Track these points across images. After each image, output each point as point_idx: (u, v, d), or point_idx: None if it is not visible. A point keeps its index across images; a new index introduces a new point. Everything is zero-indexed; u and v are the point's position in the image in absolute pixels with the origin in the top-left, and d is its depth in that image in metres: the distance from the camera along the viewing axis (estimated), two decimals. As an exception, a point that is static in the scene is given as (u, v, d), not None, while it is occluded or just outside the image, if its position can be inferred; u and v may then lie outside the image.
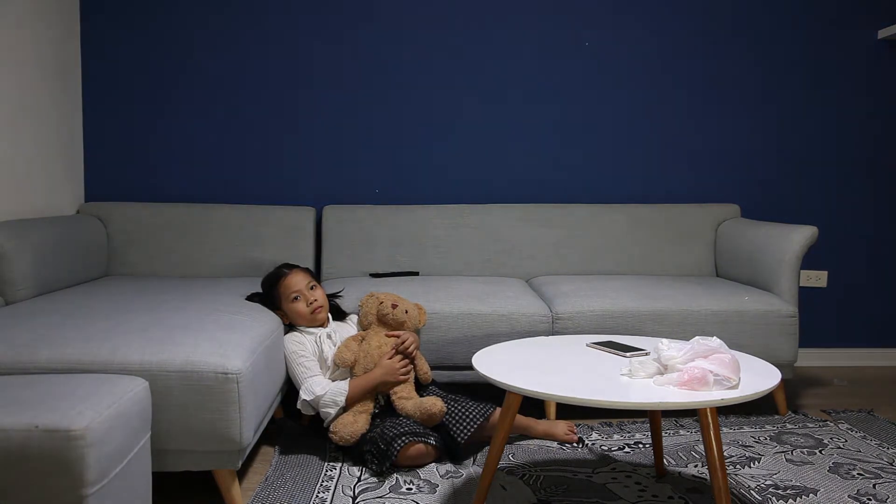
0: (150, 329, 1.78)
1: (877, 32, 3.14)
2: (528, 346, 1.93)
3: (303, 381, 2.12)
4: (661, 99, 3.14)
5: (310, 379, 2.12)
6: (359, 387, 2.10)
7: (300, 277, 2.26)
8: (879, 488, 1.91)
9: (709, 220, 3.04)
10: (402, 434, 1.98)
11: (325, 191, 3.06)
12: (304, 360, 2.15)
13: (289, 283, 2.23)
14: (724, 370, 1.50)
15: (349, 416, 2.07)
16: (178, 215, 2.88)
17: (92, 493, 1.26)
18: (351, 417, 2.07)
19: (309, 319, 2.22)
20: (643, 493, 1.87)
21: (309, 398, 2.09)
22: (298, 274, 2.27)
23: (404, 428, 2.02)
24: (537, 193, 3.11)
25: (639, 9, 3.10)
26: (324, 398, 2.08)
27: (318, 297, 2.24)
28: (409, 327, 2.25)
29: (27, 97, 2.57)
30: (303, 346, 2.17)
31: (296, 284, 2.23)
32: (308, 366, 2.14)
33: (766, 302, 2.48)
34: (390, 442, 1.96)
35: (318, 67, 3.04)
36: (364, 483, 1.93)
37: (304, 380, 2.12)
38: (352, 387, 2.10)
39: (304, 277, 2.27)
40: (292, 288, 2.22)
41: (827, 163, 3.19)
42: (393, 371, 2.12)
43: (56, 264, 2.41)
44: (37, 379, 1.50)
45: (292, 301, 2.21)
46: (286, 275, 2.26)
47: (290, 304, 2.22)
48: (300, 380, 2.13)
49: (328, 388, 2.10)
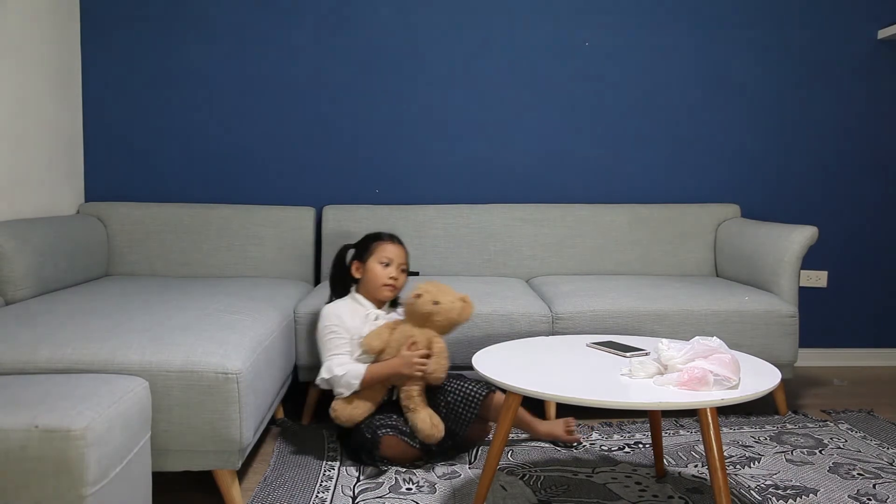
0: (150, 329, 1.78)
1: (877, 32, 3.14)
2: (528, 346, 1.93)
3: (326, 358, 2.10)
4: (661, 99, 3.14)
5: (334, 357, 2.09)
6: (375, 373, 2.06)
7: (401, 252, 2.24)
8: (879, 488, 1.91)
9: (709, 220, 3.04)
10: (388, 426, 2.01)
11: (325, 191, 3.06)
12: (335, 337, 2.11)
13: (388, 248, 2.21)
14: (724, 370, 1.50)
15: (353, 400, 2.06)
16: (178, 215, 2.88)
17: (92, 493, 1.26)
18: (353, 402, 2.05)
19: (378, 289, 2.19)
20: (643, 493, 1.87)
21: (327, 376, 2.07)
22: (401, 249, 2.25)
23: (392, 422, 2.04)
24: (537, 193, 3.11)
25: (639, 8, 3.10)
26: (341, 379, 2.05)
27: (399, 279, 2.20)
28: (437, 321, 2.09)
29: (27, 97, 2.57)
30: (340, 320, 2.13)
31: (393, 254, 2.21)
32: (337, 343, 2.10)
33: (766, 302, 2.48)
34: (374, 430, 1.99)
35: (317, 67, 3.03)
36: (364, 483, 1.93)
37: (328, 357, 2.09)
38: (368, 371, 2.05)
39: (403, 256, 2.25)
40: (388, 253, 2.20)
41: (827, 163, 3.19)
42: (409, 363, 2.04)
43: (56, 264, 2.41)
44: (37, 379, 1.50)
45: (380, 262, 2.19)
46: (392, 241, 2.25)
47: (374, 264, 2.19)
48: (324, 356, 2.11)
49: (347, 369, 2.06)
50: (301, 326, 2.35)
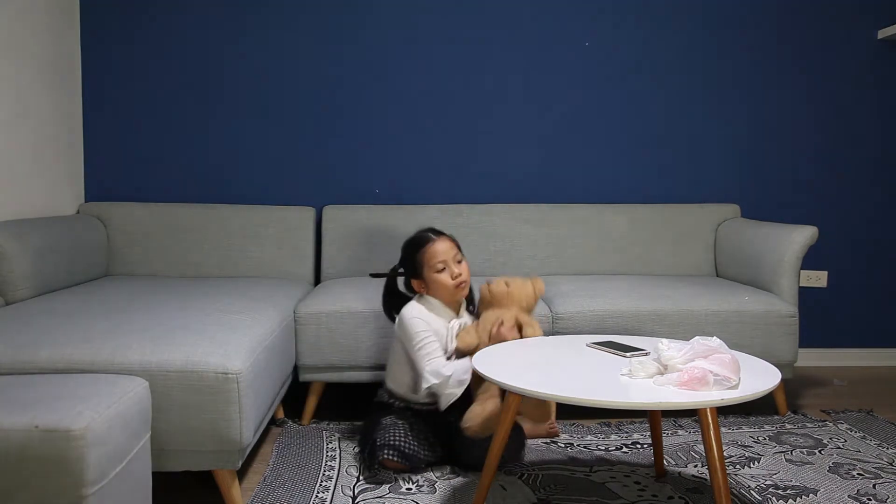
0: (150, 329, 1.78)
1: (877, 32, 3.14)
2: (528, 346, 1.93)
3: (427, 363, 1.96)
4: (661, 99, 3.14)
5: (435, 360, 1.97)
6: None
7: (447, 246, 2.07)
8: (879, 488, 1.91)
9: (709, 220, 3.04)
10: (389, 446, 1.96)
11: (325, 191, 3.06)
12: (428, 342, 1.99)
13: (435, 251, 2.04)
14: (724, 370, 1.50)
15: (477, 408, 1.90)
16: (178, 215, 2.88)
17: (92, 493, 1.26)
18: (479, 407, 1.90)
19: (451, 293, 2.06)
20: (643, 493, 1.87)
21: (437, 380, 1.94)
22: (446, 242, 2.08)
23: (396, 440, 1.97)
24: (537, 193, 3.11)
25: (639, 8, 3.10)
26: (450, 379, 1.93)
27: (463, 272, 2.06)
28: (515, 298, 2.04)
29: (27, 97, 2.57)
30: (427, 325, 2.02)
31: (443, 253, 2.04)
32: (433, 347, 1.99)
33: (766, 302, 2.48)
34: (375, 449, 1.96)
35: (317, 68, 3.03)
36: (363, 483, 1.93)
37: (428, 363, 1.96)
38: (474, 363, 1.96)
39: (452, 247, 2.08)
40: (438, 257, 2.04)
41: (827, 163, 3.19)
42: (503, 340, 1.96)
43: (56, 264, 2.41)
44: (37, 379, 1.50)
45: (437, 271, 2.04)
46: (432, 241, 2.06)
47: (433, 274, 2.04)
48: (425, 361, 1.97)
49: (454, 367, 1.95)
50: (301, 326, 2.35)
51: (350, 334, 2.35)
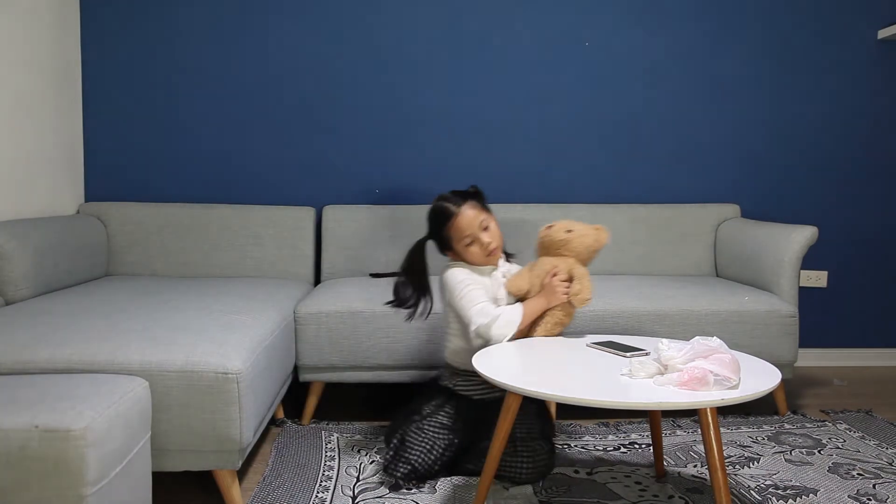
0: (150, 329, 1.78)
1: (877, 32, 3.14)
2: (528, 346, 1.93)
3: (474, 306, 1.93)
4: (661, 99, 3.14)
5: (480, 305, 1.94)
6: (529, 309, 1.97)
7: (471, 216, 2.02)
8: (879, 488, 1.91)
9: (709, 220, 3.04)
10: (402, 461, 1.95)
11: (325, 191, 3.06)
12: (473, 289, 1.97)
13: (460, 227, 2.01)
14: (724, 370, 1.50)
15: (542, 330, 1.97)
16: (178, 215, 2.88)
17: (92, 493, 1.26)
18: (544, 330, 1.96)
19: (484, 263, 2.05)
20: (644, 493, 1.87)
21: (485, 319, 1.90)
22: (468, 212, 2.02)
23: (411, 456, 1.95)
24: (537, 193, 3.11)
25: (639, 8, 3.10)
26: (500, 318, 1.91)
27: (492, 239, 2.02)
28: (573, 247, 2.02)
29: (27, 97, 2.57)
30: (471, 276, 2.01)
31: (468, 227, 2.01)
32: (477, 293, 1.96)
33: (766, 302, 2.48)
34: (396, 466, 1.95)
35: (316, 68, 3.03)
36: (363, 483, 1.93)
37: (474, 306, 1.94)
38: (524, 306, 1.96)
39: (476, 214, 2.03)
40: (464, 231, 2.01)
41: (827, 163, 3.19)
42: (554, 290, 1.95)
43: (56, 264, 2.41)
44: (37, 379, 1.50)
45: (466, 245, 2.02)
46: (455, 215, 2.02)
47: (463, 247, 2.02)
48: (470, 306, 1.94)
49: (502, 309, 1.95)
50: (301, 326, 2.35)
51: (350, 334, 2.35)
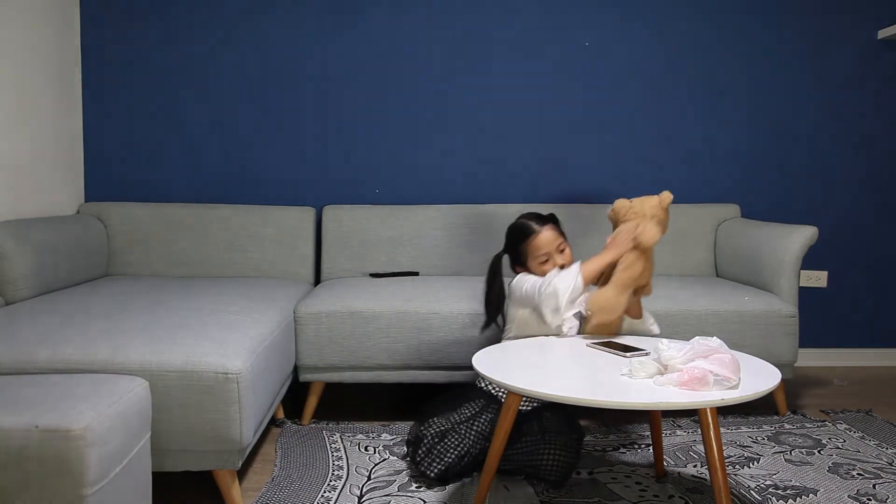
0: (150, 329, 1.78)
1: (877, 32, 3.14)
2: (528, 346, 1.93)
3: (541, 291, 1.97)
4: (661, 99, 3.14)
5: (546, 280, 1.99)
6: (592, 265, 1.99)
7: (550, 237, 2.10)
8: (879, 488, 1.91)
9: (709, 220, 3.04)
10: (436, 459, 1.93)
11: (325, 191, 3.06)
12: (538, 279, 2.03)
13: (538, 244, 2.09)
14: (724, 370, 1.50)
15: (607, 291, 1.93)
16: (178, 215, 2.88)
17: (92, 493, 1.26)
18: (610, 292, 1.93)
19: None
20: (644, 493, 1.87)
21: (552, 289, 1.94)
22: (548, 232, 2.11)
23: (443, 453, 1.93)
24: (537, 193, 3.11)
25: (639, 8, 3.10)
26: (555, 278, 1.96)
27: (566, 263, 2.09)
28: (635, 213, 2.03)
29: (27, 97, 2.57)
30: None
31: (546, 245, 2.09)
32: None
33: (766, 302, 2.48)
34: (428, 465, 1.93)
35: (316, 68, 3.04)
36: (373, 482, 1.93)
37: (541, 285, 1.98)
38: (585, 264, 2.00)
39: (554, 237, 2.11)
40: (542, 249, 2.09)
41: (827, 163, 3.19)
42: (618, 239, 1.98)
43: (56, 264, 2.41)
44: (37, 379, 1.50)
45: (541, 263, 2.09)
46: (536, 233, 2.10)
47: (537, 265, 2.09)
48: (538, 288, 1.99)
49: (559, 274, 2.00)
50: (301, 326, 2.35)
51: (350, 334, 2.36)
